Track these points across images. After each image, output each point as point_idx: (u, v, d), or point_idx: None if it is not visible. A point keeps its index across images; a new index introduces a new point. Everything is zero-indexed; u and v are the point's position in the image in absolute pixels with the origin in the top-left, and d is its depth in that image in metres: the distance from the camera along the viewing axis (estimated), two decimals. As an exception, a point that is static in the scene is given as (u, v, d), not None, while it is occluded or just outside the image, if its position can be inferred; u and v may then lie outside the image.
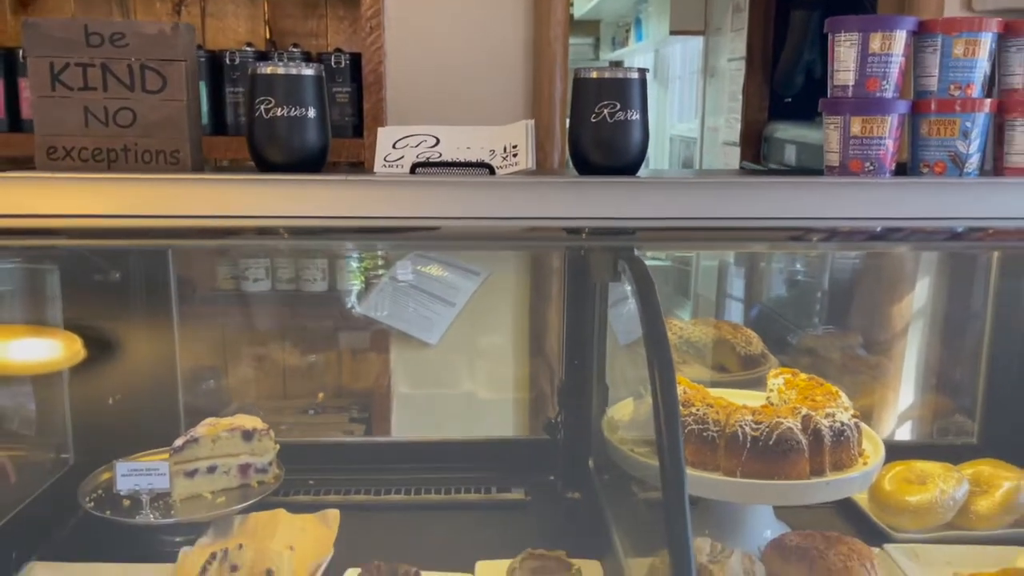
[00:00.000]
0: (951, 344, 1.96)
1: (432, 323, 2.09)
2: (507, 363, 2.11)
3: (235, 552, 1.25)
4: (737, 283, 2.39)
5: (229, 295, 2.23)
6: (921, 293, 2.04)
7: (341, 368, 2.32)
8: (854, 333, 2.15)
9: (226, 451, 1.51)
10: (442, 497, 1.68)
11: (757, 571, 1.30)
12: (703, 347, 1.97)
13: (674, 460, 1.00)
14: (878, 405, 2.00)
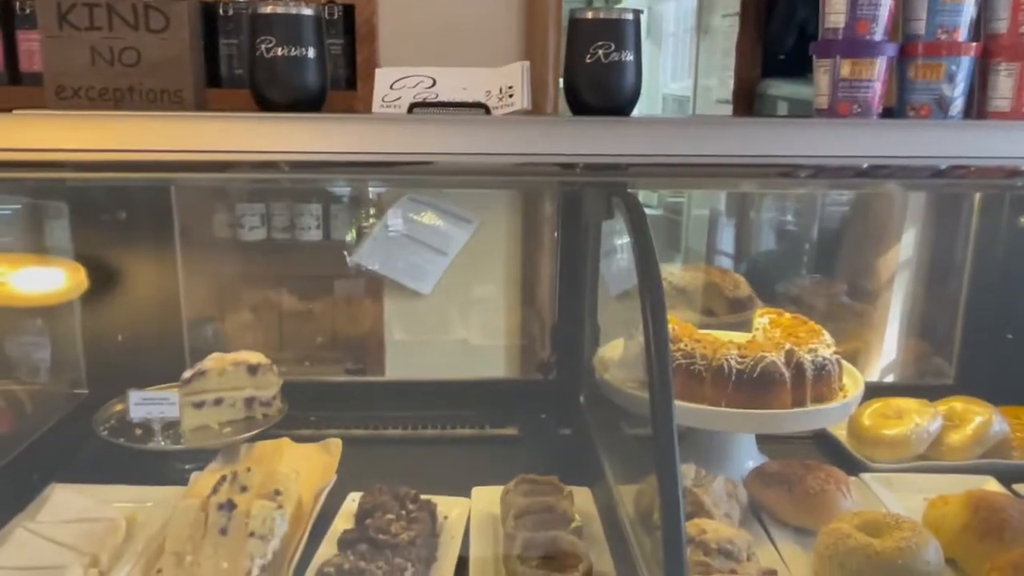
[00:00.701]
0: (931, 291, 2.02)
1: (425, 272, 2.13)
2: (500, 308, 2.16)
3: (244, 474, 1.32)
4: (727, 233, 2.44)
5: (226, 243, 2.27)
6: (904, 243, 2.10)
7: (336, 316, 2.37)
8: (839, 281, 2.21)
9: (232, 384, 1.57)
10: (438, 432, 1.75)
11: (739, 495, 1.38)
12: (692, 293, 2.02)
13: (663, 379, 1.05)
14: (861, 350, 2.07)
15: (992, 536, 1.22)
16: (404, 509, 1.29)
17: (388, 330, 2.26)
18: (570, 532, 1.23)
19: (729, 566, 1.14)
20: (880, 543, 1.19)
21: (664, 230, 2.72)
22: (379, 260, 2.14)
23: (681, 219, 2.76)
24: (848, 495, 1.37)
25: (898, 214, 2.10)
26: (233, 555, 1.18)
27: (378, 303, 2.29)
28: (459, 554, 1.27)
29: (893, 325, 2.06)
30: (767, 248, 2.40)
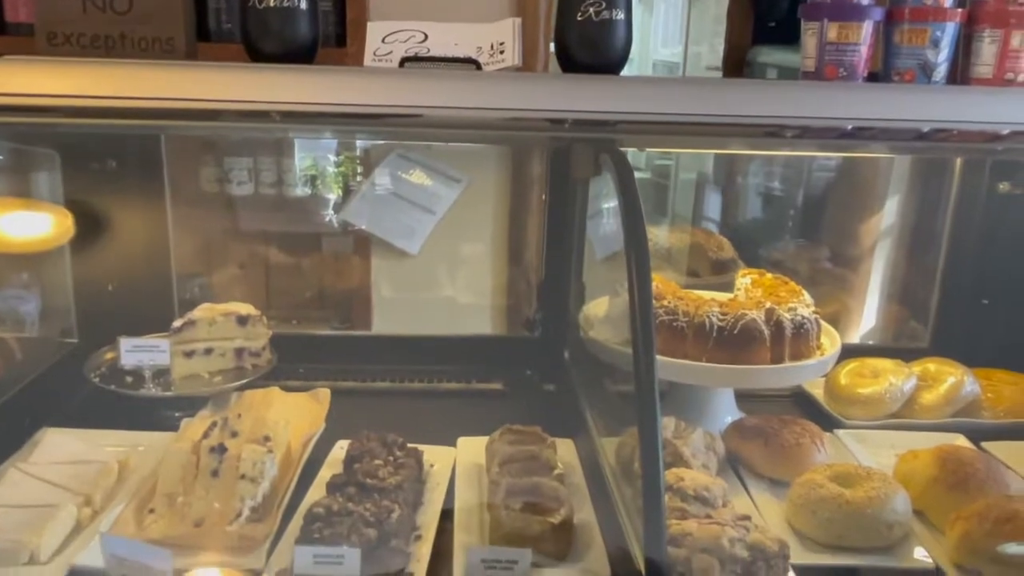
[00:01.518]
0: (911, 257, 2.05)
1: (413, 231, 2.14)
2: (486, 267, 2.17)
3: (235, 420, 1.34)
4: (713, 198, 2.46)
5: (215, 196, 2.26)
6: (886, 210, 2.13)
7: (323, 273, 2.37)
8: (822, 246, 2.24)
9: (222, 334, 1.59)
10: (424, 385, 1.78)
11: (717, 447, 1.42)
12: (676, 254, 2.06)
13: (646, 329, 1.08)
14: (841, 313, 2.11)
15: (959, 488, 1.27)
16: (391, 455, 1.32)
17: (375, 287, 2.27)
18: (553, 479, 1.27)
19: (705, 511, 1.18)
20: (851, 493, 1.24)
21: (651, 194, 2.73)
22: (367, 218, 2.15)
23: (668, 183, 2.77)
24: (822, 449, 1.41)
25: (880, 181, 2.13)
26: (224, 496, 1.21)
27: (366, 260, 2.30)
28: (444, 500, 1.31)
29: (872, 289, 2.10)
30: (752, 213, 2.43)
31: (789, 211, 2.38)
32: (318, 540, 1.09)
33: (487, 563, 1.06)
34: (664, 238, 2.09)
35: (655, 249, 2.04)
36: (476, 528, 1.24)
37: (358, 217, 2.18)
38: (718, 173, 2.47)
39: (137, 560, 1.02)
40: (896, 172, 2.11)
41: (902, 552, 1.21)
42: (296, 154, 2.27)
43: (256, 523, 1.18)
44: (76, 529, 1.18)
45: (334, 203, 2.28)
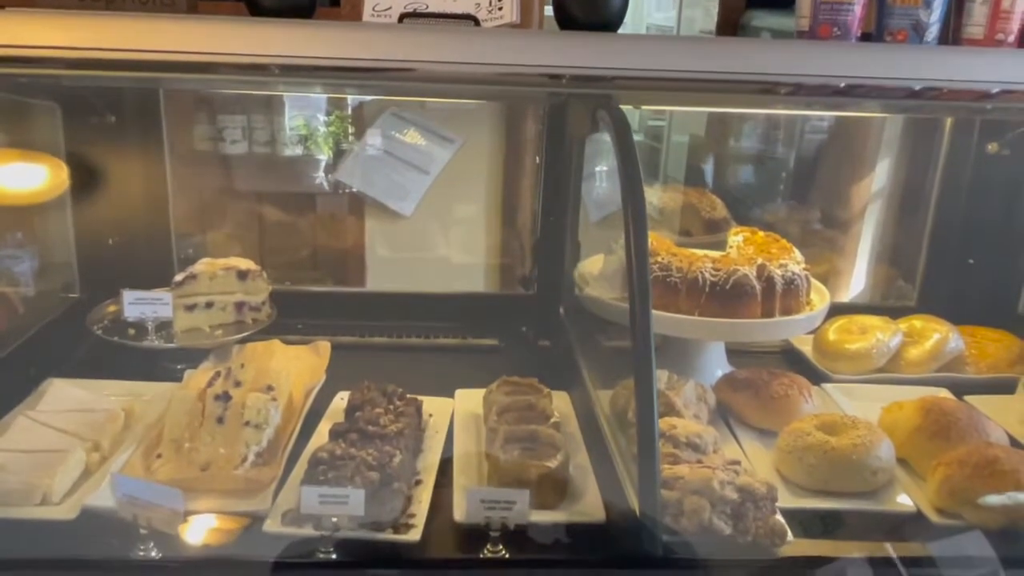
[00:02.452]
0: (900, 218, 2.09)
1: (407, 193, 2.16)
2: (481, 226, 2.19)
3: (238, 370, 1.37)
4: (706, 160, 2.49)
5: (212, 154, 2.26)
6: (876, 172, 2.16)
7: (317, 233, 2.39)
8: (813, 208, 2.28)
9: (222, 289, 1.61)
10: (421, 341, 1.81)
11: (708, 398, 1.46)
12: (670, 213, 2.08)
13: (642, 279, 1.11)
14: (831, 273, 2.15)
15: (941, 436, 1.31)
16: (391, 405, 1.35)
17: (369, 247, 2.29)
18: (549, 427, 1.31)
19: (696, 457, 1.22)
20: (836, 440, 1.28)
21: (645, 156, 2.76)
22: (360, 178, 2.16)
23: (661, 146, 2.80)
24: (810, 400, 1.45)
25: (871, 144, 2.15)
26: (229, 442, 1.25)
27: (359, 220, 2.32)
28: (443, 448, 1.35)
29: (861, 250, 2.14)
30: (745, 175, 2.45)
31: (781, 173, 2.41)
32: (323, 482, 1.12)
33: (486, 503, 1.09)
34: (657, 198, 2.12)
35: (649, 208, 2.06)
36: (475, 473, 1.28)
37: (351, 177, 2.19)
38: (711, 136, 2.49)
39: (149, 500, 1.05)
40: (887, 134, 2.13)
41: (885, 497, 1.26)
42: (288, 113, 2.28)
43: (262, 467, 1.22)
44: (85, 473, 1.21)
45: (328, 163, 2.29)
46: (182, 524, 1.06)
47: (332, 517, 1.09)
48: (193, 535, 1.08)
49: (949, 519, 1.19)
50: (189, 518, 1.09)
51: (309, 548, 1.05)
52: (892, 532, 1.20)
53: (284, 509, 1.14)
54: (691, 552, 1.06)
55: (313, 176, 2.36)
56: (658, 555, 1.00)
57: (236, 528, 1.12)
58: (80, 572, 0.92)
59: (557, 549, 1.10)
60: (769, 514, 1.12)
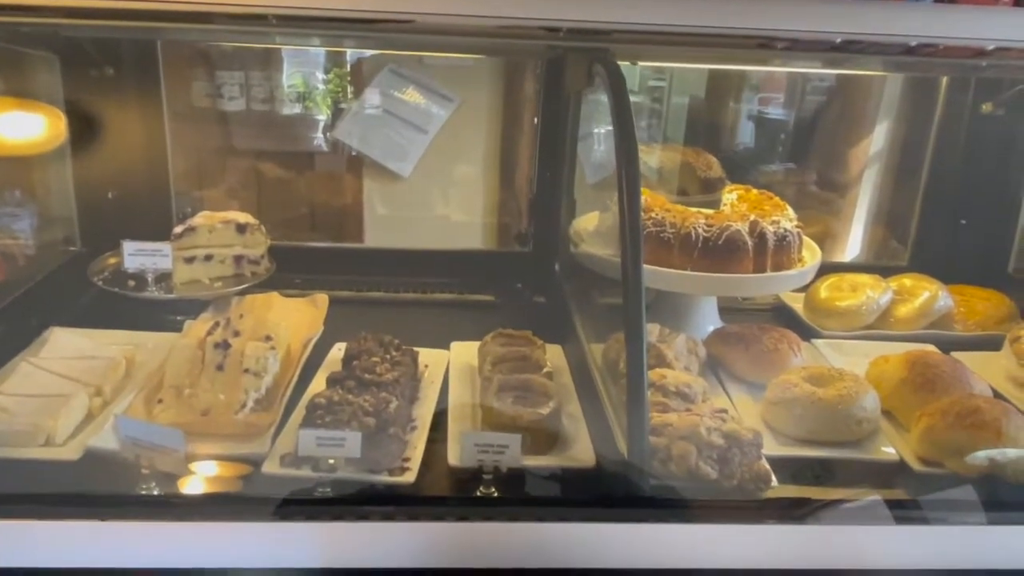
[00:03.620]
0: (893, 180, 2.10)
1: (406, 153, 2.16)
2: (479, 185, 2.20)
3: (237, 320, 1.39)
4: (705, 121, 2.49)
5: (205, 112, 2.27)
6: (871, 134, 2.16)
7: (315, 192, 2.40)
8: (808, 169, 2.29)
9: (221, 242, 1.63)
10: (417, 295, 1.84)
11: (699, 351, 1.48)
12: (666, 172, 2.09)
13: (634, 226, 1.12)
14: (826, 234, 2.16)
15: (925, 388, 1.34)
16: (388, 354, 1.38)
17: (367, 206, 2.30)
18: (542, 376, 1.33)
19: (685, 406, 1.25)
20: (823, 391, 1.31)
21: (644, 117, 2.76)
22: (359, 138, 2.16)
23: (661, 107, 2.79)
24: (799, 354, 1.48)
25: (868, 106, 2.16)
26: (229, 389, 1.27)
27: (357, 179, 2.33)
28: (439, 398, 1.37)
29: (855, 210, 2.15)
30: (743, 137, 2.46)
31: (779, 135, 2.41)
32: (320, 427, 1.15)
33: (480, 447, 1.12)
34: (654, 157, 2.12)
35: (645, 168, 2.07)
36: (469, 421, 1.30)
37: (350, 136, 2.19)
38: (711, 97, 2.49)
39: (151, 441, 1.08)
40: (883, 96, 2.13)
41: (870, 447, 1.29)
42: (287, 70, 2.28)
43: (260, 413, 1.25)
44: (88, 418, 1.24)
45: (326, 121, 2.29)
46: (183, 465, 1.08)
47: (329, 459, 1.12)
48: (193, 475, 1.10)
49: (931, 468, 1.23)
50: (190, 460, 1.12)
51: (306, 489, 1.08)
52: (875, 480, 1.23)
53: (282, 452, 1.17)
54: (678, 495, 1.09)
55: (311, 134, 2.36)
56: (645, 496, 1.03)
57: (235, 470, 1.14)
58: (84, 507, 0.94)
59: (548, 491, 1.13)
60: (754, 460, 1.15)
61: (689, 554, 0.98)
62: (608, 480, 1.15)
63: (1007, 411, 1.21)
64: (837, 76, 2.18)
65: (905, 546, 1.02)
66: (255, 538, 0.95)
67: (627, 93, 1.25)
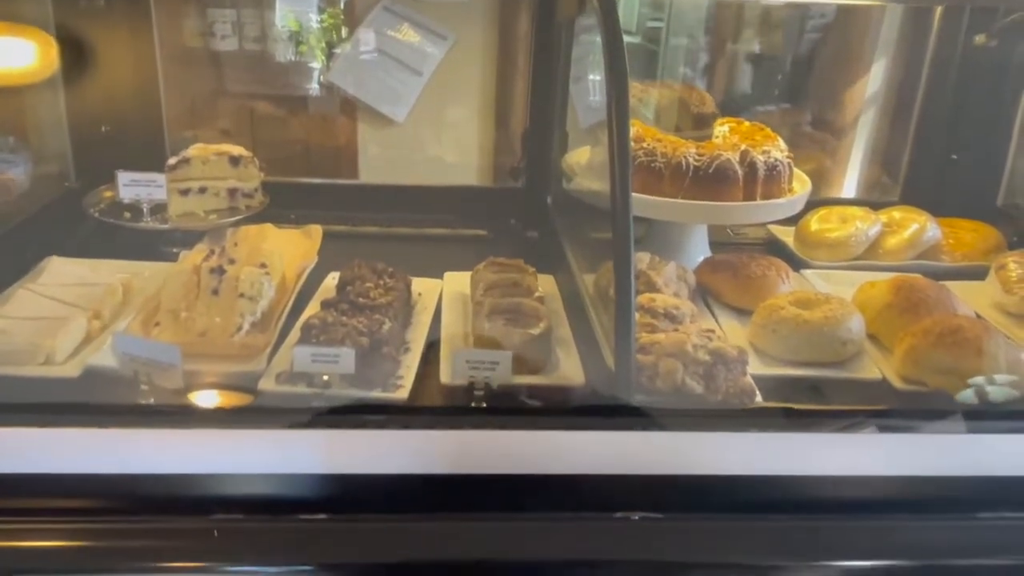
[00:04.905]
0: (887, 117, 2.10)
1: (400, 96, 2.15)
2: (474, 125, 2.20)
3: (232, 248, 1.41)
4: (702, 60, 2.48)
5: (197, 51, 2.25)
6: (866, 71, 2.16)
7: (309, 132, 2.39)
8: (803, 107, 2.29)
9: (215, 174, 1.64)
10: (411, 230, 1.85)
11: (688, 278, 1.50)
12: (660, 109, 2.09)
13: (623, 164, 1.13)
14: (820, 171, 2.17)
15: (910, 312, 1.36)
16: (381, 280, 1.40)
17: (362, 144, 2.30)
18: (533, 300, 1.35)
19: (673, 327, 1.27)
20: (809, 314, 1.33)
21: (641, 57, 2.74)
22: (353, 81, 2.15)
23: (658, 48, 2.78)
24: (787, 280, 1.50)
25: (864, 43, 2.15)
26: (225, 313, 1.29)
27: (352, 120, 2.32)
28: (431, 323, 1.40)
29: (848, 147, 2.16)
30: (738, 76, 2.45)
31: (775, 75, 2.41)
32: (315, 345, 1.18)
33: (471, 363, 1.15)
34: (648, 94, 2.12)
35: (638, 103, 2.07)
36: (461, 343, 1.33)
37: (344, 79, 2.18)
38: (708, 37, 2.48)
39: (148, 357, 1.10)
40: (879, 33, 2.13)
41: (854, 367, 1.31)
42: (279, 8, 2.26)
43: (256, 335, 1.27)
44: (86, 340, 1.26)
45: (319, 61, 2.28)
46: (180, 380, 1.11)
47: (324, 376, 1.14)
48: (191, 389, 1.13)
49: (912, 386, 1.25)
50: (187, 376, 1.14)
51: (302, 402, 1.11)
52: (858, 398, 1.26)
53: (278, 371, 1.20)
54: (664, 407, 1.11)
55: (305, 75, 2.35)
56: (632, 407, 1.06)
57: (232, 386, 1.17)
58: (84, 416, 0.97)
59: (537, 405, 1.16)
60: (739, 376, 1.18)
61: (674, 460, 1.01)
62: (597, 395, 1.18)
63: (988, 329, 1.24)
64: (834, 11, 2.17)
65: (884, 454, 1.05)
66: (251, 444, 0.98)
67: (618, 17, 1.25)
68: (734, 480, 1.01)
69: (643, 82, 2.37)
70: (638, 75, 2.73)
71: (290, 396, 1.14)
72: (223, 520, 0.96)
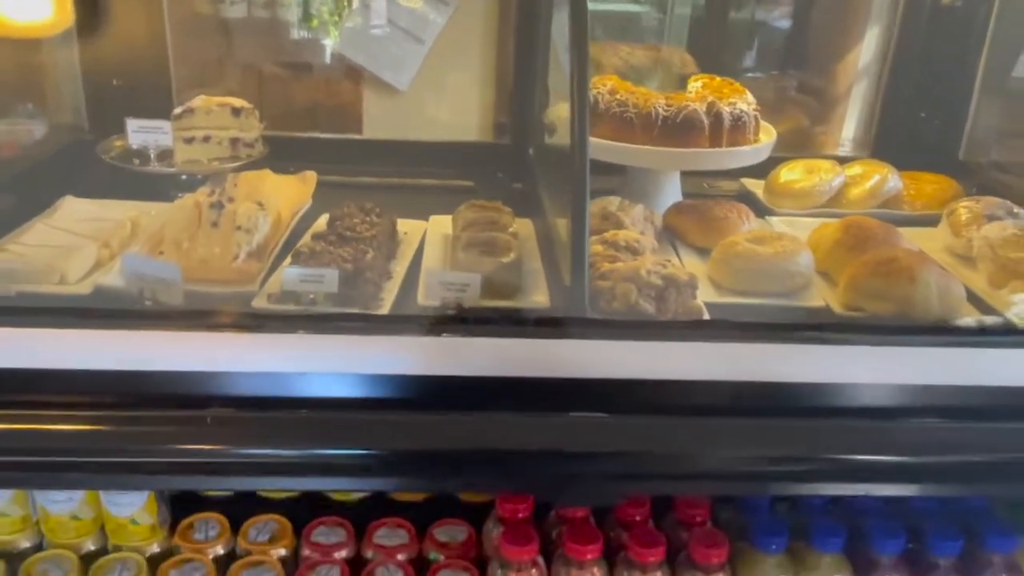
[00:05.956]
0: (859, 78, 2.18)
1: (403, 64, 2.25)
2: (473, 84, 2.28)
3: (231, 188, 1.53)
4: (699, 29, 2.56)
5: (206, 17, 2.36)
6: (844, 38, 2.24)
7: (315, 94, 2.50)
8: (783, 72, 2.38)
9: (218, 124, 1.76)
10: (402, 181, 1.96)
11: (655, 220, 1.61)
12: (641, 69, 2.19)
13: (581, 109, 1.24)
14: (799, 131, 2.26)
15: (857, 248, 1.46)
16: (368, 217, 1.52)
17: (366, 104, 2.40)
18: (507, 235, 1.47)
19: (633, 258, 1.38)
20: (762, 248, 1.43)
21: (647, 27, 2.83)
22: (358, 50, 2.25)
23: (664, 16, 2.87)
24: (747, 222, 1.60)
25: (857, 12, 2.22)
26: (223, 243, 1.41)
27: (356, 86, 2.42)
28: (413, 257, 1.51)
29: (828, 110, 2.25)
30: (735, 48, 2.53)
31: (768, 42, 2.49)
32: (303, 267, 1.30)
33: (444, 284, 1.26)
34: (633, 56, 2.22)
35: (622, 63, 2.17)
36: (439, 273, 1.44)
37: (350, 48, 2.28)
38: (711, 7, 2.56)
39: (153, 274, 1.22)
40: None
41: (801, 297, 1.42)
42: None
43: (252, 262, 1.39)
44: (97, 266, 1.39)
45: (326, 29, 2.39)
46: (180, 296, 1.23)
47: (310, 294, 1.26)
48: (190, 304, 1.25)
49: (851, 311, 1.36)
50: (188, 294, 1.26)
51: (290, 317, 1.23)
52: (803, 323, 1.37)
53: (269, 292, 1.32)
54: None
55: (312, 42, 2.46)
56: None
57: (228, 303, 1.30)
58: (94, 319, 1.10)
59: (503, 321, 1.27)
60: (689, 299, 1.29)
61: (628, 366, 1.12)
62: (559, 312, 1.30)
63: (923, 259, 1.34)
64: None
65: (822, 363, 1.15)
66: (244, 347, 1.10)
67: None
68: (671, 384, 1.12)
69: (631, 44, 2.47)
70: (632, 39, 2.82)
71: (280, 313, 1.26)
72: (218, 412, 1.08)
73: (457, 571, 1.42)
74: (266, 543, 1.45)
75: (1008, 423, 1.13)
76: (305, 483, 1.23)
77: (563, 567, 1.38)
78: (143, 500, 1.39)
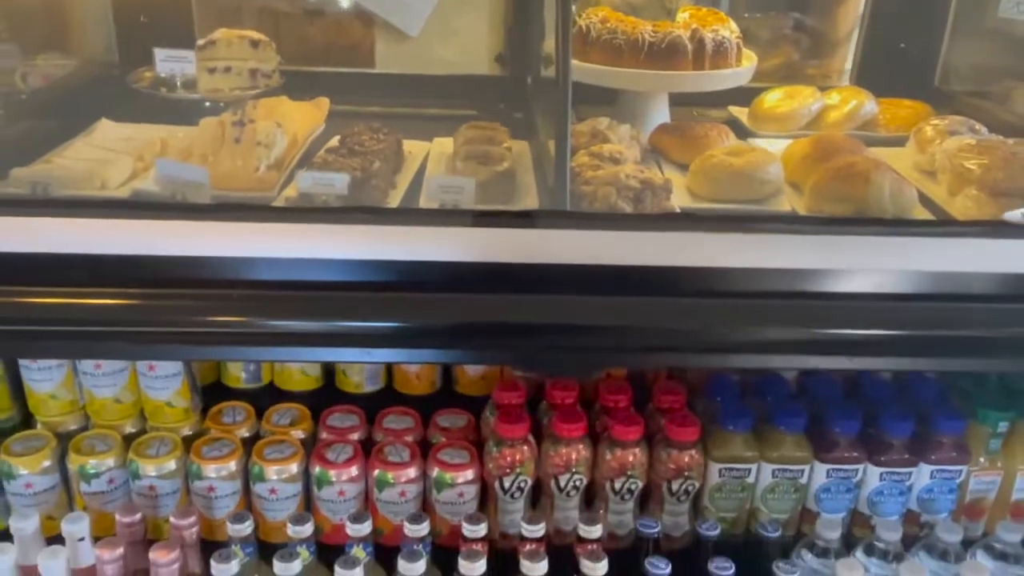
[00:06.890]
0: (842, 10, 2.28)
1: (413, 10, 2.37)
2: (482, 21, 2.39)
3: (251, 111, 1.68)
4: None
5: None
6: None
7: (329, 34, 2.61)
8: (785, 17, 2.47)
9: (238, 55, 1.90)
10: (410, 110, 2.10)
11: (641, 139, 1.74)
12: (638, 7, 2.30)
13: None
14: (789, 64, 2.36)
15: (824, 159, 1.58)
16: (376, 135, 1.66)
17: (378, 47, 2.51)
18: (502, 149, 1.61)
19: (615, 168, 1.52)
20: (736, 159, 1.56)
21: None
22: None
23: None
24: (727, 140, 1.73)
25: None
26: (245, 157, 1.56)
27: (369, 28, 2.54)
28: (417, 171, 1.65)
29: (810, 41, 2.35)
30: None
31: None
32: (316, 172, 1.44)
33: (443, 188, 1.41)
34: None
35: (623, 4, 2.28)
36: (440, 184, 1.59)
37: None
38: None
39: (183, 177, 1.38)
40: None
41: (770, 204, 1.55)
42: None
43: (271, 172, 1.54)
44: (132, 176, 1.54)
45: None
46: (207, 197, 1.38)
47: (322, 196, 1.41)
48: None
49: (814, 214, 1.49)
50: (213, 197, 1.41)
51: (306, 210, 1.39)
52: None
53: (286, 197, 1.47)
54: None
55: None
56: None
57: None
58: (129, 209, 1.25)
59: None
60: (664, 200, 1.43)
61: (601, 252, 1.26)
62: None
63: (878, 164, 1.46)
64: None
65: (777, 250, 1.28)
66: (265, 233, 1.25)
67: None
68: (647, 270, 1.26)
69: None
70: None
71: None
72: (243, 291, 1.24)
73: (458, 449, 1.58)
74: (287, 426, 1.62)
75: (944, 303, 1.26)
76: (320, 353, 1.39)
77: (552, 445, 1.54)
78: (178, 384, 1.56)
